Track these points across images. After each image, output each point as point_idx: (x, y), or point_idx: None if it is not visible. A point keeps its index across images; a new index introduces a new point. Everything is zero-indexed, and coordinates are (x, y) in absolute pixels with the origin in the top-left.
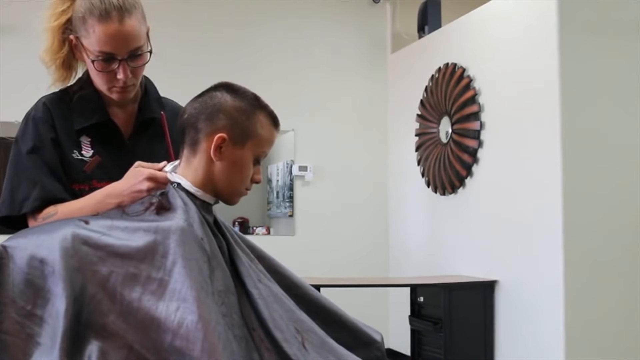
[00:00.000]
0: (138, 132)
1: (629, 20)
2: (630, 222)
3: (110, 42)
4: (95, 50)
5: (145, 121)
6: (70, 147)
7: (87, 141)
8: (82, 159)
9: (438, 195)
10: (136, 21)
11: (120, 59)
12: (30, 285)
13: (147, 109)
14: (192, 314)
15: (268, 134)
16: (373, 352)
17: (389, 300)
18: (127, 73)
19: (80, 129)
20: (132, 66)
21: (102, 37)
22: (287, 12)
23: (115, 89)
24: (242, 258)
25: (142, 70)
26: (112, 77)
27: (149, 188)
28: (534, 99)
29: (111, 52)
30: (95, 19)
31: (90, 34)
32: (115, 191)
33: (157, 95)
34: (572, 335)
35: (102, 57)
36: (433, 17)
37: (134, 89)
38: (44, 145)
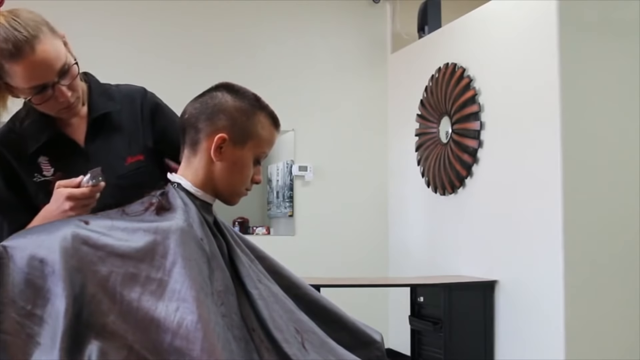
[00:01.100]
0: (92, 133)
1: (629, 20)
2: (630, 222)
3: (34, 75)
4: (25, 88)
5: (97, 120)
6: (30, 173)
7: (45, 161)
8: (45, 180)
9: (438, 195)
10: (48, 44)
11: (52, 83)
12: (30, 285)
13: (95, 108)
14: (192, 314)
15: (268, 135)
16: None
17: (389, 300)
18: (65, 93)
19: (35, 151)
20: (65, 84)
21: (24, 74)
22: (287, 12)
23: (63, 111)
24: (242, 258)
25: (77, 82)
26: (54, 103)
27: (71, 207)
28: (534, 99)
29: (40, 83)
30: (10, 60)
31: (12, 75)
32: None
33: (101, 88)
34: (572, 335)
35: (35, 90)
36: (433, 17)
37: (79, 102)
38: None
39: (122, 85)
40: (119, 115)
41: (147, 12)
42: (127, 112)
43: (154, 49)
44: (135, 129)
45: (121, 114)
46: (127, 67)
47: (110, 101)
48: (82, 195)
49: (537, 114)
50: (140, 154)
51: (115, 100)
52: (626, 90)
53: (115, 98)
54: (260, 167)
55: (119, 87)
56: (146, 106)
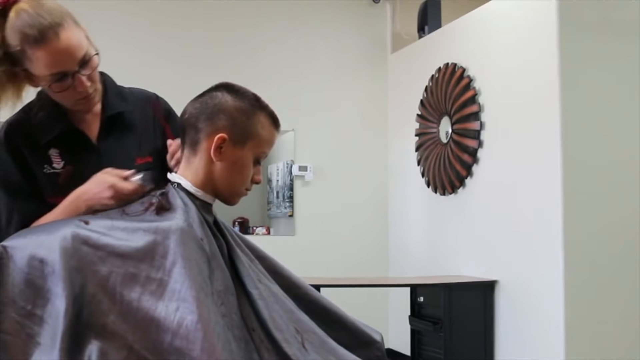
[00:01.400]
0: (105, 131)
1: (629, 20)
2: (630, 222)
3: (56, 62)
4: (46, 75)
5: (111, 118)
6: (40, 163)
7: (56, 153)
8: (54, 172)
9: (438, 195)
10: (71, 31)
11: (73, 72)
12: (30, 285)
13: (109, 106)
14: (192, 314)
15: (268, 135)
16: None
17: (389, 300)
18: (85, 83)
19: (46, 143)
20: (86, 74)
21: (47, 61)
22: (287, 12)
23: (81, 102)
24: (242, 258)
25: (96, 73)
26: (72, 93)
27: (111, 196)
28: (534, 99)
29: (61, 71)
30: (33, 46)
31: (34, 62)
32: (84, 195)
33: (117, 89)
34: (572, 335)
35: (55, 78)
36: (433, 17)
37: (97, 94)
38: (10, 171)
39: (134, 88)
40: (131, 116)
41: (147, 12)
42: (139, 114)
43: (154, 49)
44: (146, 131)
45: (133, 115)
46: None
47: (124, 102)
48: (127, 190)
49: (537, 114)
50: (149, 155)
51: (128, 102)
52: (626, 90)
53: (128, 99)
54: (260, 167)
55: (131, 90)
56: (158, 111)
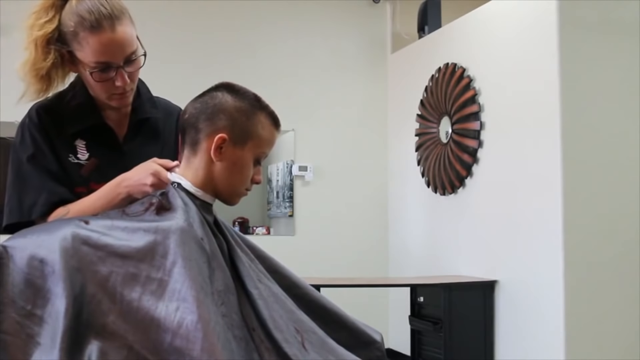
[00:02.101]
0: (132, 133)
1: (629, 20)
2: (630, 222)
3: (105, 51)
4: (91, 61)
5: (139, 122)
6: (66, 152)
7: (82, 145)
8: (79, 163)
9: (438, 195)
10: (127, 27)
11: (117, 66)
12: (30, 285)
13: (140, 110)
14: (192, 314)
15: (268, 135)
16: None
17: (389, 300)
18: (126, 79)
19: (74, 133)
20: (129, 71)
21: (97, 48)
22: (287, 12)
23: (115, 97)
24: (242, 258)
25: (138, 74)
26: (110, 86)
27: (152, 183)
28: (534, 99)
29: (107, 61)
30: (88, 31)
31: (84, 46)
32: (125, 181)
33: (149, 95)
34: (572, 335)
35: (99, 67)
36: (433, 17)
37: (132, 94)
38: (43, 151)
39: (161, 98)
40: (157, 124)
41: (147, 13)
42: (165, 124)
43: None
44: (169, 141)
45: (159, 123)
46: None
47: (154, 109)
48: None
49: (537, 114)
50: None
51: (157, 109)
52: (626, 90)
53: (159, 107)
54: (260, 167)
55: (158, 99)
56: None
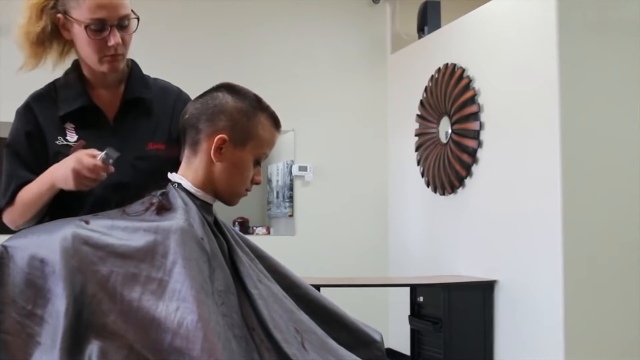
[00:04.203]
0: (123, 112)
1: (629, 20)
2: (629, 222)
3: (100, 8)
4: (87, 18)
5: (131, 101)
6: (55, 135)
7: (71, 127)
8: (67, 144)
9: (438, 195)
10: None
11: (111, 24)
12: (31, 285)
13: (131, 90)
14: (192, 314)
15: (269, 135)
16: (373, 352)
17: (389, 300)
18: (118, 39)
19: (64, 115)
20: (122, 34)
21: (92, 4)
22: (287, 12)
23: (106, 59)
24: (242, 258)
25: (130, 39)
26: (103, 46)
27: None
28: (533, 99)
29: (102, 18)
30: None
31: (80, 4)
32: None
33: (141, 75)
34: (572, 334)
35: (94, 24)
36: (433, 18)
37: (123, 60)
38: (19, 139)
39: (160, 79)
40: (151, 103)
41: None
42: (159, 103)
43: (154, 49)
44: (164, 120)
45: (153, 102)
46: None
47: (146, 88)
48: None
49: (536, 114)
50: (163, 143)
51: (150, 89)
52: (626, 90)
53: (150, 87)
54: (260, 167)
55: (156, 80)
56: (179, 104)
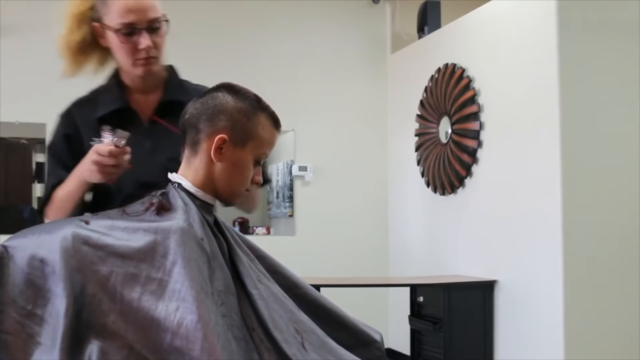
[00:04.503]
0: (158, 115)
1: (629, 20)
2: (629, 222)
3: (129, 12)
4: (117, 23)
5: (166, 104)
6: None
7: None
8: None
9: (438, 195)
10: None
11: (140, 28)
12: (31, 285)
13: (167, 93)
14: (192, 314)
15: (269, 135)
16: (373, 352)
17: (389, 300)
18: (148, 41)
19: (101, 118)
20: (153, 37)
21: (121, 9)
22: (287, 12)
23: (139, 62)
24: (242, 258)
25: (162, 42)
26: (134, 49)
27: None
28: (533, 99)
29: (131, 22)
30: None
31: (111, 10)
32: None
33: (178, 80)
34: (572, 335)
35: (124, 28)
36: (433, 18)
37: (157, 62)
38: (58, 141)
39: (201, 85)
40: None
41: None
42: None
43: None
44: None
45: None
46: None
47: (182, 92)
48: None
49: (536, 114)
50: None
51: (188, 93)
52: (626, 90)
53: (189, 92)
54: (260, 167)
55: (197, 86)
56: None
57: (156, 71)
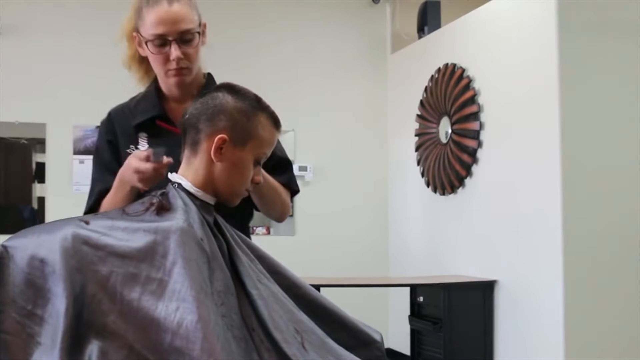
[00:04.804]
0: None
1: (629, 20)
2: (629, 222)
3: (160, 23)
4: (149, 34)
5: None
6: (128, 144)
7: (144, 137)
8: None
9: (438, 195)
10: (185, 6)
11: (171, 39)
12: (31, 285)
13: None
14: (192, 314)
15: (269, 135)
16: (373, 352)
17: (389, 300)
18: (178, 53)
19: (138, 126)
20: (184, 48)
21: (153, 20)
22: (287, 12)
23: (171, 72)
24: (242, 258)
25: (194, 54)
26: (165, 60)
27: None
28: (533, 99)
29: (162, 34)
30: (148, 6)
31: (144, 21)
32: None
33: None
34: (572, 335)
35: (155, 39)
36: (433, 18)
37: (189, 73)
38: (102, 146)
39: None
40: None
41: None
42: None
43: None
44: None
45: None
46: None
47: None
48: (147, 170)
49: (536, 114)
50: None
51: None
52: (626, 90)
53: None
54: (260, 167)
55: None
56: None
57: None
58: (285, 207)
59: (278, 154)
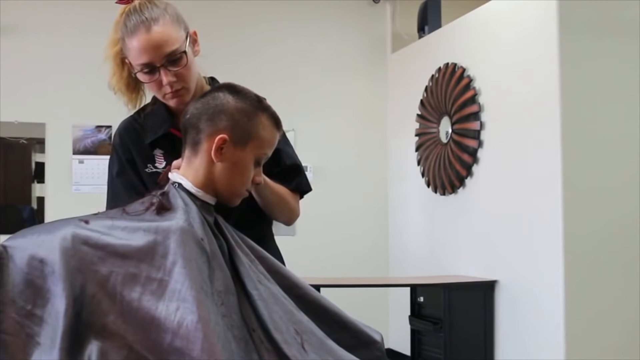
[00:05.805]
0: None
1: (629, 20)
2: (630, 222)
3: (143, 52)
4: (136, 64)
5: None
6: (144, 163)
7: (160, 154)
8: (156, 171)
9: (438, 195)
10: (165, 27)
11: (159, 65)
12: (30, 285)
13: None
14: (192, 314)
15: (269, 136)
16: (373, 352)
17: (389, 300)
18: (170, 78)
19: (152, 142)
20: (174, 70)
21: (136, 51)
22: (287, 12)
23: (168, 96)
24: (242, 259)
25: (187, 73)
26: (160, 85)
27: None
28: (534, 99)
29: (148, 62)
30: (128, 36)
31: (129, 50)
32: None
33: None
34: (572, 335)
35: (143, 69)
36: (433, 17)
37: (186, 93)
38: (123, 168)
39: None
40: None
41: None
42: None
43: None
44: None
45: None
46: None
47: None
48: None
49: (537, 114)
50: None
51: None
52: (626, 90)
53: None
54: (260, 168)
55: None
56: None
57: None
58: (292, 213)
59: (285, 161)
